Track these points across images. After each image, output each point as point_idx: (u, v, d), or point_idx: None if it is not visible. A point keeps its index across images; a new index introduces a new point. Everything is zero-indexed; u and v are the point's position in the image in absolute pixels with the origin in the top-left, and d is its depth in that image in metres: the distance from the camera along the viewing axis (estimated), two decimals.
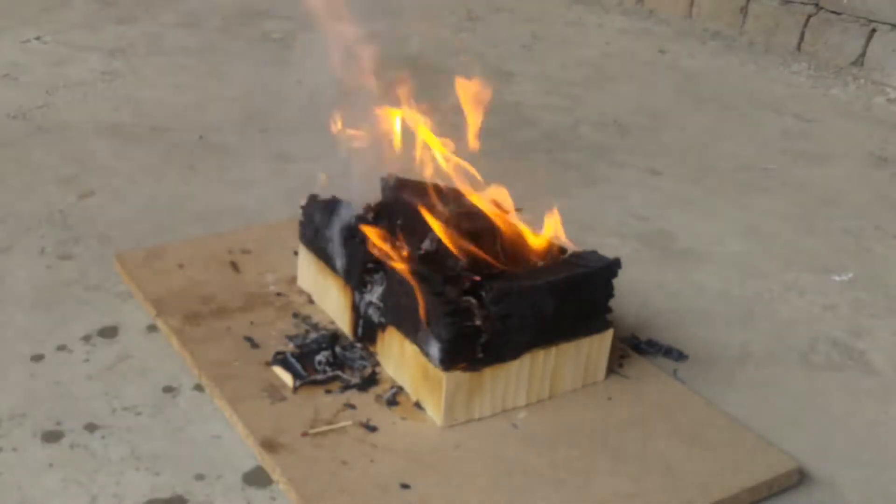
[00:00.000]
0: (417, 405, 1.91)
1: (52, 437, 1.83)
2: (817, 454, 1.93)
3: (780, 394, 2.12)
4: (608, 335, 2.01)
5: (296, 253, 2.32)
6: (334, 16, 2.04)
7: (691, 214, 2.98)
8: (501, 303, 1.84)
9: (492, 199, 2.05)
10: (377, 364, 2.03)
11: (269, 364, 2.01)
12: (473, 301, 1.85)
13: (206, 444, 1.84)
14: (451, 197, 2.05)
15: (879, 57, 4.29)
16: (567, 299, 1.93)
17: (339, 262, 2.10)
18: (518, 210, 2.06)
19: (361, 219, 2.08)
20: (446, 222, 1.95)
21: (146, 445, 1.82)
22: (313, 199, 2.22)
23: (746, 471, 1.81)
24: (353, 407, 1.90)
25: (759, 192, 3.17)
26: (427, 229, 1.98)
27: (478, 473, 1.76)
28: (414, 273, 1.89)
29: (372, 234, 1.99)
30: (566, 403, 1.97)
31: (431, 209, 1.98)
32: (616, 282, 2.00)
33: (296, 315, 2.19)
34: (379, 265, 2.00)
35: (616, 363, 2.08)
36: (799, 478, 1.85)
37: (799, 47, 4.61)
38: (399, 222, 2.07)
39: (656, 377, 2.08)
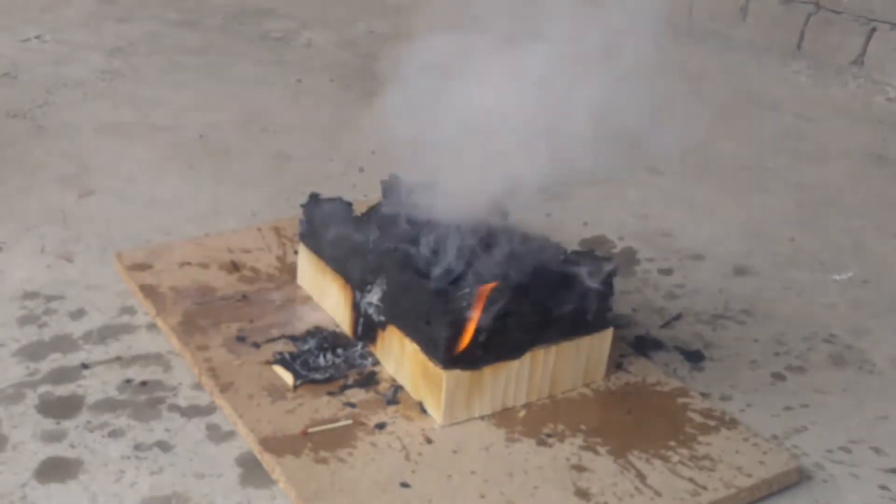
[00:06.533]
0: (418, 404, 1.92)
1: (52, 436, 1.83)
2: (817, 454, 1.93)
3: (780, 394, 2.12)
4: (608, 335, 2.01)
5: (296, 252, 2.32)
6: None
7: (691, 214, 2.98)
8: (501, 301, 1.84)
9: None
10: (377, 363, 2.03)
11: (269, 363, 2.01)
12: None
13: (205, 443, 1.84)
14: None
15: (879, 56, 4.28)
16: (567, 298, 1.93)
17: (342, 261, 2.11)
18: None
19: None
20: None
21: (146, 444, 1.82)
22: (314, 198, 2.23)
23: (746, 470, 1.81)
24: (353, 406, 1.90)
25: (759, 192, 3.17)
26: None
27: (478, 473, 1.76)
28: (416, 272, 1.89)
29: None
30: (566, 403, 1.97)
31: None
32: (615, 281, 2.00)
33: (295, 314, 2.19)
34: (380, 265, 2.00)
35: (616, 363, 2.08)
36: (799, 477, 1.85)
37: (799, 46, 4.61)
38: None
39: (656, 377, 2.08)
